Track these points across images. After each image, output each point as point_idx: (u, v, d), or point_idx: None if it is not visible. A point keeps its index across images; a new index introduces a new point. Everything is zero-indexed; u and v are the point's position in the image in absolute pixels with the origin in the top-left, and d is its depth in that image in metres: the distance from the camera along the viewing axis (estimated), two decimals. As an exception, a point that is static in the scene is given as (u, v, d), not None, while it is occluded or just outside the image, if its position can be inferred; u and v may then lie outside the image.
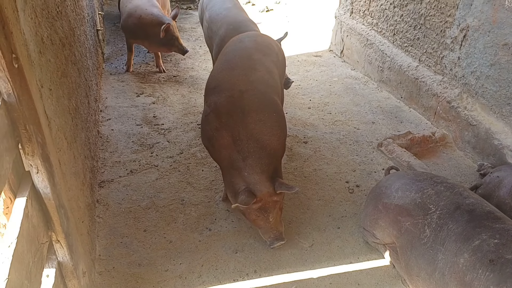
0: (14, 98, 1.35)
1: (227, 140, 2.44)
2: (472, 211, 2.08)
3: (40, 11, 1.95)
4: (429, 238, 2.11)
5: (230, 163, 2.45)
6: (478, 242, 1.94)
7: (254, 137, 2.42)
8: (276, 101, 2.67)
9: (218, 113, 2.50)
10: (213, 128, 2.50)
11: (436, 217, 2.13)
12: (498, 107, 3.23)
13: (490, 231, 1.96)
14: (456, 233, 2.03)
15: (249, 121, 2.44)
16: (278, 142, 2.53)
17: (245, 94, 2.52)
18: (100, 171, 3.21)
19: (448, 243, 2.03)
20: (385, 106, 4.13)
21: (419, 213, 2.21)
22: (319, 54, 5.39)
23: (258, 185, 2.37)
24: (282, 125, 2.61)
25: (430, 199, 2.22)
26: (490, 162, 3.26)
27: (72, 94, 2.52)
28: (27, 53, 1.59)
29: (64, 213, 1.77)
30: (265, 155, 2.41)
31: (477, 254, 1.90)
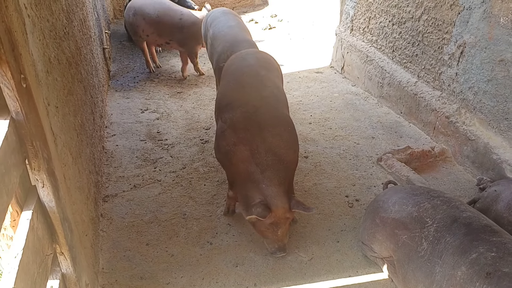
0: (22, 116, 1.43)
1: (245, 154, 2.51)
2: (469, 224, 2.12)
3: (48, 33, 2.04)
4: (427, 251, 2.14)
5: (247, 176, 2.51)
6: (475, 255, 1.97)
7: (272, 151, 2.50)
8: (288, 116, 2.79)
9: (235, 128, 2.58)
10: (230, 143, 2.57)
11: (433, 230, 2.17)
12: (496, 122, 3.27)
13: (487, 244, 1.99)
14: (453, 246, 2.06)
15: (267, 135, 2.52)
16: (294, 155, 2.63)
17: (260, 110, 2.62)
18: (105, 185, 3.28)
19: (445, 255, 2.06)
20: (385, 121, 4.19)
21: (416, 226, 2.25)
22: (321, 70, 5.48)
23: (274, 198, 2.43)
24: (296, 139, 2.72)
25: (427, 213, 2.26)
26: (489, 176, 3.30)
27: (78, 111, 2.61)
28: (35, 73, 1.68)
29: (68, 226, 1.83)
30: (283, 168, 2.49)
31: (474, 267, 1.93)
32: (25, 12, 1.63)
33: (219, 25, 4.15)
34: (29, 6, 1.72)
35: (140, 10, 4.94)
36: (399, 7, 4.17)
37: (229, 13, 4.44)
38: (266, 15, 7.89)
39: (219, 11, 4.50)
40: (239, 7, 8.29)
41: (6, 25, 1.33)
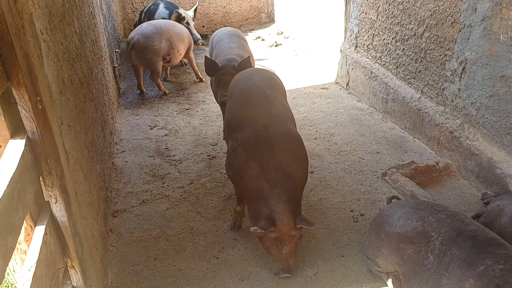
0: (37, 136, 1.51)
1: (256, 171, 2.57)
2: (475, 237, 2.15)
3: (61, 55, 2.14)
4: (433, 264, 2.17)
5: (257, 192, 2.56)
6: (483, 267, 2.00)
7: (282, 167, 2.56)
8: (297, 133, 2.86)
9: (246, 146, 2.65)
10: (241, 160, 2.63)
11: (439, 243, 2.20)
12: (499, 136, 3.31)
13: (494, 257, 2.02)
14: (460, 258, 2.09)
15: (277, 152, 2.59)
16: (303, 171, 2.68)
17: (269, 128, 2.69)
18: (114, 201, 3.35)
19: (452, 268, 2.09)
20: (390, 137, 4.24)
21: (421, 240, 2.28)
22: (326, 86, 5.56)
23: (280, 214, 2.47)
24: (305, 155, 2.77)
25: (432, 227, 2.30)
26: (493, 191, 3.32)
27: (89, 129, 2.70)
28: (50, 94, 1.77)
29: (79, 241, 1.90)
30: (292, 185, 2.55)
31: (482, 280, 1.96)
32: (41, 37, 1.73)
33: (222, 47, 4.27)
34: (44, 31, 1.82)
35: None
36: (402, 24, 4.26)
37: (233, 34, 4.55)
38: (272, 33, 8.03)
39: (224, 32, 4.62)
40: (245, 24, 8.45)
41: (24, 51, 1.42)
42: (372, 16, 4.78)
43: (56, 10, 2.13)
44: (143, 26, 5.25)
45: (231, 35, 4.50)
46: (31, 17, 1.60)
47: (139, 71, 5.31)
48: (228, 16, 8.17)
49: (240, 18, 8.18)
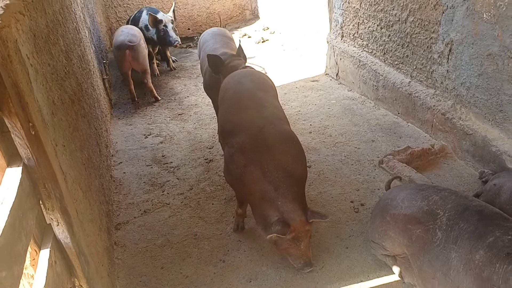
0: (33, 162, 1.52)
1: (257, 174, 2.57)
2: (481, 211, 2.19)
3: (50, 76, 2.14)
4: (441, 240, 2.20)
5: (261, 195, 2.57)
6: (492, 238, 2.03)
7: (282, 167, 2.57)
8: (291, 131, 2.88)
9: (243, 151, 2.65)
10: (240, 165, 2.64)
11: (446, 219, 2.23)
12: (491, 114, 3.34)
13: (502, 229, 2.06)
14: (468, 231, 2.12)
15: (275, 153, 2.60)
16: (302, 168, 2.71)
17: (264, 130, 2.70)
18: (116, 214, 3.36)
19: (460, 241, 2.12)
20: (383, 123, 4.26)
21: (428, 219, 2.31)
22: (316, 78, 5.57)
23: (291, 213, 2.49)
24: (302, 152, 2.80)
25: (437, 205, 2.33)
26: (490, 168, 3.35)
27: (84, 145, 2.71)
28: (41, 117, 1.78)
29: (85, 259, 1.91)
30: (295, 182, 2.57)
31: (493, 250, 1.99)
32: (27, 62, 1.73)
33: (207, 48, 4.28)
34: (31, 55, 1.82)
35: None
36: (385, 11, 4.27)
37: (217, 34, 4.58)
38: (258, 29, 8.03)
39: (209, 33, 4.66)
40: (231, 23, 8.43)
41: (12, 79, 1.43)
42: (355, 5, 4.78)
43: (40, 32, 2.13)
44: (124, 31, 5.43)
45: (216, 35, 4.53)
46: (16, 44, 1.60)
47: (129, 76, 5.37)
48: (213, 16, 8.16)
49: (224, 17, 8.17)
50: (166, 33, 5.86)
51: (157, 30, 5.86)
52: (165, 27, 5.84)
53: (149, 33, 5.97)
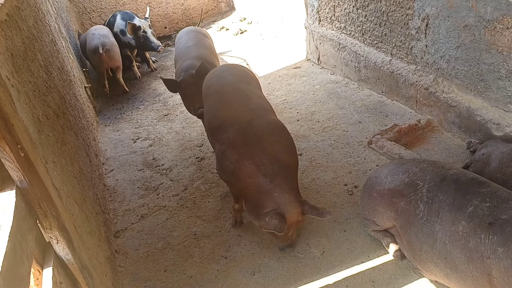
0: (26, 183, 1.52)
1: (251, 168, 2.58)
2: (457, 180, 2.25)
3: (32, 94, 2.13)
4: (424, 212, 2.27)
5: (257, 188, 2.58)
6: (471, 208, 2.09)
7: (275, 158, 2.59)
8: (279, 121, 2.89)
9: (234, 146, 2.66)
10: (233, 161, 2.64)
11: (426, 191, 2.30)
12: (473, 85, 3.39)
13: (479, 196, 2.12)
14: (447, 203, 2.18)
15: (266, 145, 2.62)
16: (293, 158, 2.74)
17: (252, 122, 2.71)
18: (113, 222, 3.37)
19: (442, 213, 2.18)
20: (369, 104, 4.30)
21: (410, 190, 2.37)
22: (298, 65, 5.58)
23: (288, 205, 2.51)
24: (292, 141, 2.82)
25: (417, 176, 2.39)
26: (477, 138, 3.41)
27: (74, 158, 2.70)
28: (29, 137, 1.77)
29: (88, 273, 1.93)
30: (289, 172, 2.60)
31: (474, 220, 2.05)
32: (8, 84, 1.72)
33: (180, 47, 4.29)
34: (10, 75, 1.80)
35: None
36: (360, -8, 4.28)
37: (191, 31, 4.58)
38: (235, 20, 7.98)
39: (182, 32, 4.65)
40: (207, 17, 8.37)
41: (-5, 104, 1.42)
42: (330, -12, 4.78)
43: (17, 50, 2.10)
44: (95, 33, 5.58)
45: (189, 32, 4.53)
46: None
47: (104, 74, 5.77)
48: (188, 12, 8.08)
49: (200, 12, 8.10)
50: (146, 39, 5.79)
51: (137, 37, 5.79)
52: (145, 33, 5.78)
53: (125, 38, 5.91)
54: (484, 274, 1.99)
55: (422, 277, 2.46)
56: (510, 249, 1.88)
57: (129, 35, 5.82)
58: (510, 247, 1.89)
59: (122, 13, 6.14)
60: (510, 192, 2.14)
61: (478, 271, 2.01)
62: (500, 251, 1.91)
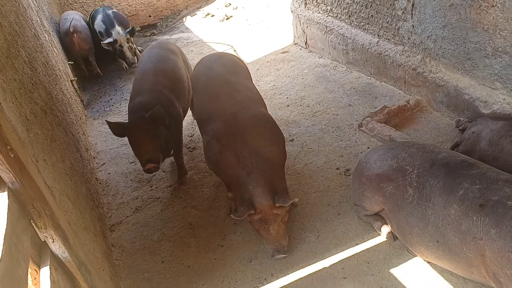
0: (17, 184, 1.51)
1: (232, 160, 2.63)
2: (447, 164, 2.27)
3: (18, 92, 2.10)
4: (414, 196, 2.30)
5: (236, 180, 2.64)
6: (462, 191, 2.12)
7: (255, 152, 2.61)
8: (265, 113, 2.89)
9: (218, 138, 2.70)
10: (216, 152, 2.69)
11: (415, 176, 2.32)
12: (460, 63, 3.40)
13: (469, 179, 2.14)
14: (438, 187, 2.21)
15: (248, 138, 2.64)
16: (278, 150, 2.73)
17: (238, 114, 2.73)
18: (107, 216, 3.36)
19: (434, 198, 2.21)
20: (358, 86, 4.30)
21: (398, 176, 2.40)
22: (286, 49, 5.54)
23: (259, 197, 2.54)
24: (278, 134, 2.81)
25: (405, 161, 2.42)
26: (466, 116, 3.44)
27: (65, 154, 2.68)
28: (17, 137, 1.74)
29: (85, 269, 1.93)
30: (268, 167, 2.60)
31: (465, 203, 2.08)
32: (-7, 84, 1.69)
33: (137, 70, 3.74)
34: (-6, 75, 1.77)
35: None
36: (345, -27, 4.25)
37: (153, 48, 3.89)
38: (220, 6, 7.87)
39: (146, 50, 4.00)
40: (191, 4, 8.25)
41: (-19, 106, 1.40)
42: (315, -29, 4.74)
43: (0, 48, 2.07)
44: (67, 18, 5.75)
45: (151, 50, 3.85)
46: (-23, 68, 1.57)
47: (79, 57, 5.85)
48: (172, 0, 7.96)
49: None
50: (122, 53, 5.78)
51: (113, 48, 5.72)
52: (121, 47, 5.72)
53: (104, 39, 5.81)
54: (477, 255, 2.03)
55: (416, 256, 2.50)
56: (503, 230, 1.91)
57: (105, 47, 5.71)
58: (503, 227, 1.92)
59: (105, 14, 5.92)
60: (499, 172, 2.17)
61: (471, 252, 2.05)
62: (493, 232, 1.95)
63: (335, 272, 2.54)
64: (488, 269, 2.01)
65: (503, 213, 1.95)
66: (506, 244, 1.90)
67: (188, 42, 6.53)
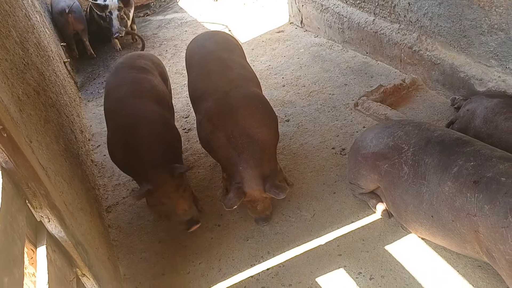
0: (11, 164, 1.50)
1: (222, 140, 2.61)
2: (442, 141, 2.28)
3: (10, 72, 2.07)
4: (409, 174, 2.31)
5: (227, 160, 2.63)
6: (456, 168, 2.13)
7: (246, 132, 2.59)
8: (258, 93, 2.85)
9: (209, 117, 2.67)
10: (208, 131, 2.67)
11: (411, 154, 2.33)
12: (455, 41, 3.38)
13: (464, 156, 2.15)
14: (433, 165, 2.22)
15: (239, 118, 2.61)
16: (269, 132, 2.70)
17: (230, 94, 2.69)
18: (104, 197, 3.37)
19: (428, 176, 2.22)
20: (354, 65, 4.28)
21: (393, 154, 2.41)
22: (281, 29, 5.49)
23: (249, 181, 2.54)
24: (270, 114, 2.78)
25: (401, 140, 2.42)
26: (461, 94, 3.44)
27: (59, 135, 2.67)
28: (10, 117, 1.73)
29: (82, 249, 1.94)
30: (259, 149, 2.58)
31: (459, 180, 2.09)
32: (-17, 63, 1.67)
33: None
34: (-16, 55, 1.75)
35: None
36: (341, -50, 4.18)
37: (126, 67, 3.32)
38: (214, -14, 7.76)
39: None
40: (186, -17, 8.12)
41: (-29, 85, 1.38)
42: None
43: (-11, 28, 2.03)
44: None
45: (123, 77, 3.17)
46: (-34, 47, 1.54)
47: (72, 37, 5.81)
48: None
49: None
50: (110, 20, 5.65)
51: (103, 16, 5.64)
52: (110, 14, 5.61)
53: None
54: (470, 231, 2.05)
55: (410, 233, 2.53)
56: (496, 206, 1.93)
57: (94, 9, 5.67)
58: (496, 204, 1.94)
59: None
60: (493, 149, 2.18)
61: (465, 228, 2.07)
62: (487, 208, 1.96)
63: (330, 249, 2.57)
64: (482, 244, 2.04)
65: (497, 189, 1.96)
66: (500, 220, 1.92)
67: (182, 23, 6.45)
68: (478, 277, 2.24)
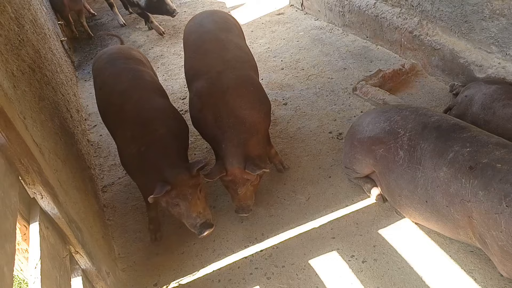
0: (4, 140, 1.49)
1: (209, 119, 2.61)
2: (439, 127, 2.26)
3: (4, 47, 2.04)
4: (404, 159, 2.30)
5: (212, 138, 2.64)
6: (452, 154, 2.13)
7: (233, 113, 2.57)
8: (252, 76, 2.82)
9: (200, 96, 2.67)
10: (197, 110, 2.68)
11: (407, 139, 2.32)
12: (456, 26, 3.35)
13: (460, 142, 2.14)
14: (429, 150, 2.21)
15: (229, 99, 2.59)
16: (258, 115, 2.67)
17: (222, 74, 2.67)
18: (99, 177, 3.36)
19: (424, 160, 2.22)
20: (353, 49, 4.24)
21: (389, 138, 2.40)
22: (281, 11, 5.43)
23: (231, 158, 2.52)
24: (262, 98, 2.75)
25: (398, 124, 2.41)
26: (460, 80, 3.42)
27: (54, 114, 2.65)
28: (3, 92, 1.71)
29: (76, 226, 1.94)
30: (244, 129, 2.55)
31: (455, 166, 2.09)
32: (-25, 37, 1.64)
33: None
34: (-23, 29, 1.72)
35: None
36: None
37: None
38: (215, -34, 7.65)
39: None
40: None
41: (-38, 58, 1.36)
42: None
43: (-17, 2, 2.00)
44: None
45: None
46: (-42, 19, 1.51)
47: (69, 17, 5.73)
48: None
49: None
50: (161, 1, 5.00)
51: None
52: None
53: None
54: (464, 216, 2.05)
55: (404, 218, 2.54)
56: (491, 192, 1.93)
57: None
58: (491, 190, 1.94)
59: None
60: (490, 135, 2.17)
61: (459, 214, 2.07)
62: (481, 194, 1.96)
63: (324, 232, 2.58)
64: (475, 230, 2.05)
65: (492, 176, 1.96)
66: (493, 206, 1.92)
67: (181, 3, 6.36)
68: (470, 262, 2.26)
